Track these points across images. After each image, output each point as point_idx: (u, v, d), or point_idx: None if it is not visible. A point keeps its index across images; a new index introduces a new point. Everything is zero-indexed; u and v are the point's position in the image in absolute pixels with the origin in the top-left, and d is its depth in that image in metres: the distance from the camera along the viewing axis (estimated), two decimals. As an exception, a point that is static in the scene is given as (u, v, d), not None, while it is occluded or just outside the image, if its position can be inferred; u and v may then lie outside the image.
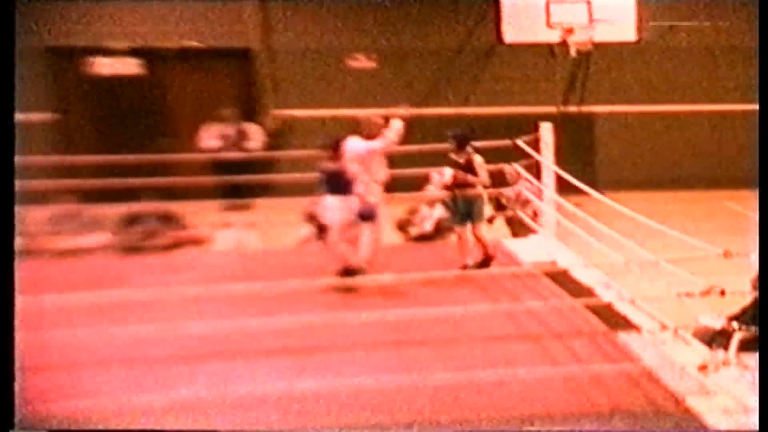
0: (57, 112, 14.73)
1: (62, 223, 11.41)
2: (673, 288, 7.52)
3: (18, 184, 11.45)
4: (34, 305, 7.36)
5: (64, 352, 7.07)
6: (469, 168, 9.30)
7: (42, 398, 6.09)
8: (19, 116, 14.94)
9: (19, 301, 7.20)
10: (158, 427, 6.08)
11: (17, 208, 11.24)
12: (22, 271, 10.23)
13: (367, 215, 8.59)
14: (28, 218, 11.35)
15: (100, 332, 7.20)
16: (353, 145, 9.02)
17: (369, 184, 8.71)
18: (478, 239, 9.33)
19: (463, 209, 9.34)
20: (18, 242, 11.08)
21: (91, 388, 6.55)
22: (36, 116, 14.31)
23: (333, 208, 8.75)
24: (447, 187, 9.46)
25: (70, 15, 14.57)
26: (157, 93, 15.25)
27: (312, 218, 11.17)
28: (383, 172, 9.10)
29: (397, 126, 8.98)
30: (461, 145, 9.33)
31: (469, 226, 9.33)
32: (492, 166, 9.61)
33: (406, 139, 9.11)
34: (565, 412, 6.28)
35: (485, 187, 9.38)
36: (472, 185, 9.25)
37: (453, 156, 9.36)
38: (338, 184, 8.67)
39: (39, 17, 14.32)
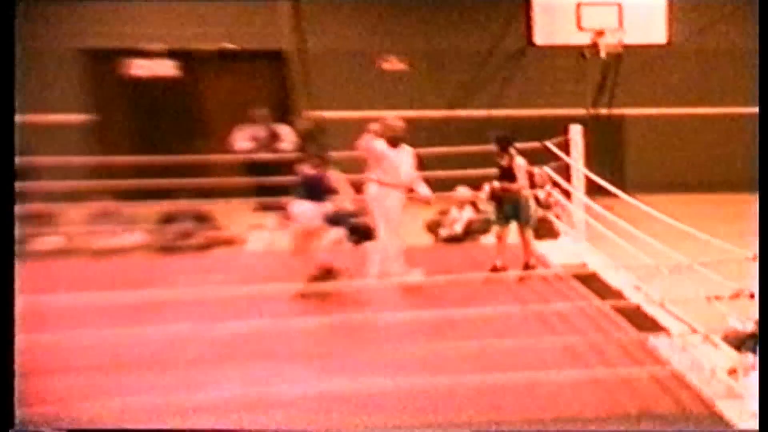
0: (95, 114, 14.82)
1: (99, 223, 11.49)
2: (702, 291, 7.53)
3: (56, 184, 11.63)
4: (56, 304, 7.49)
5: (89, 351, 7.13)
6: (511, 170, 9.30)
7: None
8: (56, 117, 15.13)
9: (46, 299, 7.35)
10: (186, 427, 6.13)
11: (56, 206, 11.40)
12: (59, 269, 10.39)
13: (336, 221, 8.50)
14: (67, 218, 11.48)
15: (126, 332, 7.27)
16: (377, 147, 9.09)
17: (347, 192, 8.68)
18: (525, 242, 9.30)
19: (509, 211, 9.33)
20: (56, 241, 11.25)
21: (114, 388, 6.58)
22: (74, 117, 14.46)
23: (304, 212, 8.64)
24: (493, 191, 9.43)
25: (108, 17, 14.64)
26: (192, 94, 15.30)
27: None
28: (395, 174, 9.05)
29: (368, 136, 9.04)
30: (504, 147, 9.31)
31: (513, 227, 9.34)
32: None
33: (437, 140, 9.11)
34: (594, 414, 6.27)
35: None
36: (514, 190, 9.24)
37: (497, 158, 9.36)
38: (314, 190, 8.59)
39: (76, 19, 14.46)
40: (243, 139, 13.63)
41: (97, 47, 14.68)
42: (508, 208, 9.33)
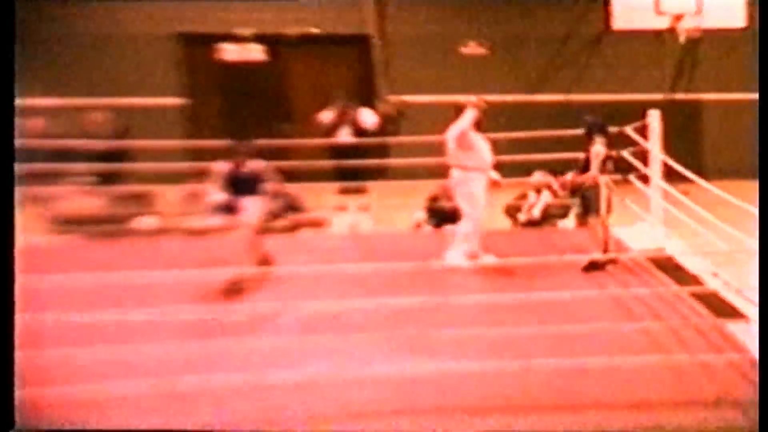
0: (188, 97, 15.00)
1: (192, 204, 11.62)
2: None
3: (151, 165, 11.81)
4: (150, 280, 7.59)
5: (181, 326, 7.19)
6: (588, 159, 9.15)
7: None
8: (153, 100, 15.32)
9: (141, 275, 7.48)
10: (271, 403, 6.12)
11: (152, 187, 11.55)
12: (158, 247, 10.58)
13: (290, 207, 8.44)
14: (163, 198, 11.66)
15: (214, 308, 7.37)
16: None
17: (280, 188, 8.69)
18: (603, 229, 9.17)
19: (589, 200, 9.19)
20: (152, 221, 11.43)
21: (204, 362, 6.61)
22: (169, 101, 14.67)
23: (248, 207, 8.52)
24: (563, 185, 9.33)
25: (201, 2, 14.80)
26: (279, 78, 15.42)
27: (434, 202, 11.22)
28: (479, 158, 8.97)
29: (467, 116, 8.90)
30: (590, 133, 9.16)
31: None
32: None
33: (516, 124, 9.04)
34: (672, 400, 6.19)
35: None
36: (583, 182, 9.10)
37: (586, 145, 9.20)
38: (248, 186, 8.46)
39: (172, 4, 14.61)
40: (328, 122, 13.66)
41: (190, 32, 14.86)
42: (584, 196, 9.18)
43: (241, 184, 8.25)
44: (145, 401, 6.19)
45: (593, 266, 8.91)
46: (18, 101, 14.41)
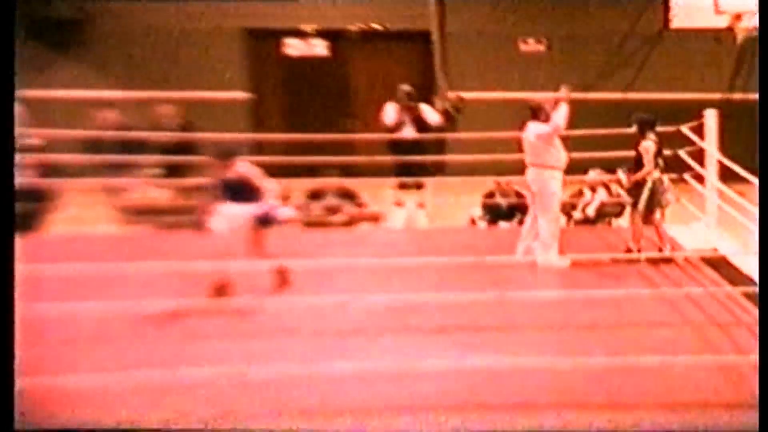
0: (252, 91, 15.15)
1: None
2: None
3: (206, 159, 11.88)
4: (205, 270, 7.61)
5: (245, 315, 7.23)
6: (639, 155, 9.10)
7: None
8: (220, 94, 15.46)
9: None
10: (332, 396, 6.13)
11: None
12: (216, 240, 10.61)
13: (267, 221, 7.83)
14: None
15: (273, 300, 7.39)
16: (532, 130, 8.92)
17: (272, 191, 7.90)
18: (654, 226, 9.11)
19: (637, 196, 9.14)
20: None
21: (272, 353, 6.64)
22: (235, 95, 14.83)
23: (229, 215, 7.76)
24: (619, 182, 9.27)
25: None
26: (341, 74, 15.51)
27: (490, 199, 11.23)
28: (559, 156, 8.92)
29: (563, 110, 8.81)
30: (641, 129, 9.11)
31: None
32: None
33: (572, 122, 8.99)
34: (725, 400, 6.14)
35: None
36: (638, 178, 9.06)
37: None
38: (237, 192, 7.71)
39: (239, 1, 14.76)
40: (389, 117, 13.71)
41: (256, 27, 15.01)
42: (637, 193, 9.14)
43: (231, 191, 7.67)
44: (217, 384, 6.19)
45: (630, 251, 8.94)
46: (93, 93, 14.75)
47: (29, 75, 13.26)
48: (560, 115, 8.79)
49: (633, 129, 9.19)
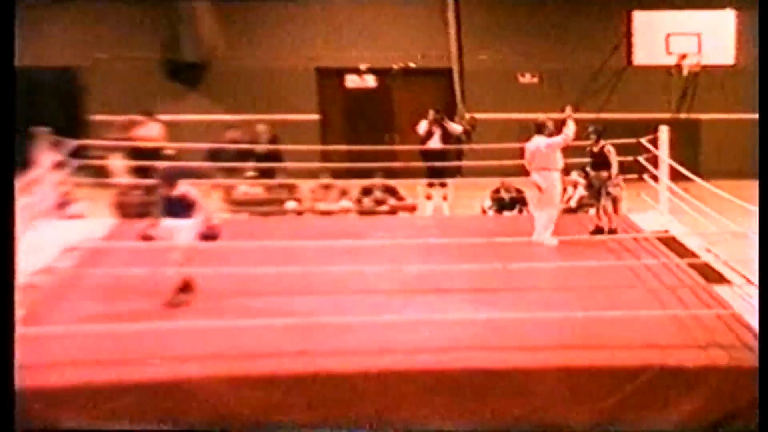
0: (321, 114, 15.20)
1: (320, 193, 11.81)
2: (755, 252, 7.20)
3: (295, 164, 12.01)
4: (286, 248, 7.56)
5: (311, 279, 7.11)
6: (602, 156, 8.81)
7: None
8: (297, 116, 15.51)
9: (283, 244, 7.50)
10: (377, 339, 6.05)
11: (298, 181, 11.77)
12: (296, 223, 10.70)
13: (210, 236, 6.83)
14: (300, 189, 11.87)
15: (336, 269, 7.22)
16: (537, 142, 8.58)
17: (206, 209, 6.92)
18: (611, 211, 8.96)
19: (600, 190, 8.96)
20: (294, 205, 11.64)
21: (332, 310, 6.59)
22: (308, 117, 14.90)
23: (172, 231, 6.78)
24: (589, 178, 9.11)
25: (330, 42, 14.92)
26: (385, 100, 15.46)
27: (497, 194, 11.18)
28: (560, 161, 8.67)
29: (572, 126, 8.47)
30: (599, 136, 8.87)
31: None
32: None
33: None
34: (673, 343, 6.09)
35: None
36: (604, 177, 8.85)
37: (591, 147, 8.88)
38: (178, 208, 6.71)
39: (311, 44, 14.77)
40: (422, 130, 13.72)
41: (323, 66, 15.04)
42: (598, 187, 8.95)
43: (172, 208, 6.72)
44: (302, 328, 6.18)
45: (598, 231, 8.78)
46: (211, 116, 14.67)
47: (166, 104, 13.66)
48: (570, 129, 8.44)
49: (592, 137, 8.86)
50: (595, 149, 8.85)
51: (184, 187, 6.77)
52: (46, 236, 8.40)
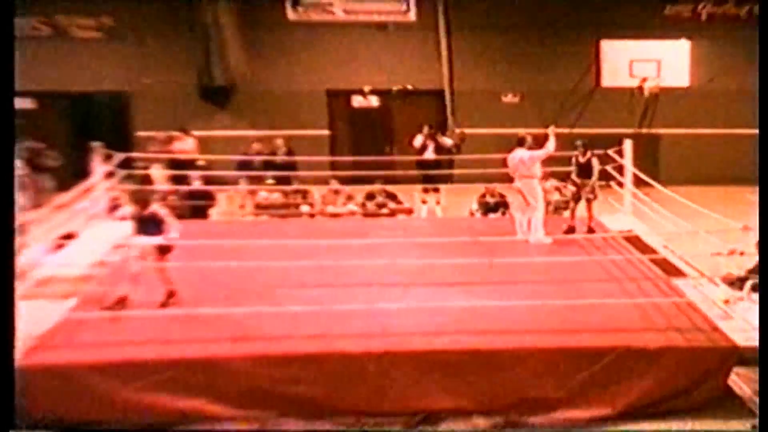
0: (330, 129, 15.20)
1: (330, 197, 11.82)
2: (709, 249, 7.24)
3: (308, 173, 12.06)
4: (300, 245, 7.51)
5: (323, 272, 7.09)
6: (588, 165, 8.79)
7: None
8: (310, 132, 15.56)
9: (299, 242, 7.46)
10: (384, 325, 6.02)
11: (310, 188, 11.79)
12: (309, 225, 10.67)
13: (166, 249, 6.45)
14: (313, 194, 11.88)
15: (343, 264, 7.17)
16: (519, 154, 8.46)
17: (174, 226, 6.43)
18: (589, 214, 8.94)
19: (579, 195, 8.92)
20: (307, 209, 11.64)
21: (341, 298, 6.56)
22: (320, 132, 14.92)
23: (142, 246, 6.42)
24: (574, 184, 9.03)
25: (339, 68, 14.89)
26: (386, 118, 15.46)
27: (483, 198, 11.17)
28: (540, 170, 8.62)
29: (552, 142, 8.42)
30: (586, 150, 8.85)
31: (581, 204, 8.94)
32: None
33: (536, 149, 8.80)
34: (636, 327, 6.13)
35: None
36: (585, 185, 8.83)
37: (578, 158, 8.84)
38: (148, 226, 6.35)
39: (322, 70, 14.74)
40: (417, 144, 13.72)
41: (333, 88, 15.05)
42: (575, 193, 8.95)
43: (143, 226, 6.37)
44: (315, 314, 6.16)
45: (570, 231, 8.80)
46: (235, 132, 14.71)
47: (199, 122, 13.73)
48: (551, 144, 8.38)
49: (580, 150, 8.84)
50: (582, 159, 8.83)
51: (154, 206, 6.51)
52: (100, 235, 8.54)
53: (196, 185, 10.94)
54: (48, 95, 13.88)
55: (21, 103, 12.98)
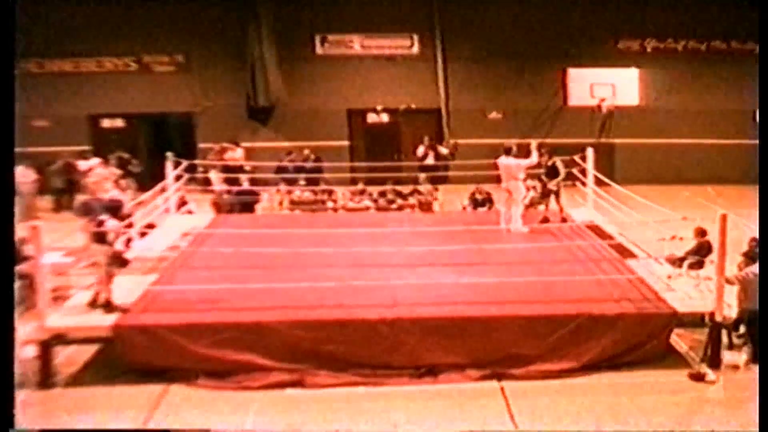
0: (349, 140, 15.19)
1: (352, 195, 11.82)
2: (655, 236, 7.28)
3: (332, 176, 12.09)
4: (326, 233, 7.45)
5: (339, 258, 6.95)
6: (554, 168, 8.73)
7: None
8: (333, 143, 15.58)
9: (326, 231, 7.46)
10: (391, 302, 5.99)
11: (334, 187, 11.81)
12: (333, 217, 10.49)
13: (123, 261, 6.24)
14: (337, 193, 11.85)
15: (362, 250, 7.09)
16: (508, 161, 8.29)
17: (115, 226, 5.84)
18: (560, 207, 8.91)
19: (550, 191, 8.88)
20: (332, 205, 11.64)
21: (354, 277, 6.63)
22: (341, 143, 14.92)
23: (114, 227, 5.86)
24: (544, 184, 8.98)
25: (357, 91, 14.77)
26: (395, 131, 15.36)
27: (473, 195, 11.10)
28: (523, 175, 8.49)
29: (536, 155, 8.32)
30: (550, 155, 8.80)
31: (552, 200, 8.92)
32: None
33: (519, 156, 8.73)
34: (594, 299, 6.12)
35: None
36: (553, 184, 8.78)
37: (545, 162, 8.73)
38: (116, 210, 5.86)
39: (344, 93, 14.63)
40: (420, 152, 13.70)
41: (352, 108, 15.04)
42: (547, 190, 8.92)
43: (102, 210, 5.74)
44: (332, 289, 6.13)
45: (545, 221, 8.76)
46: (274, 144, 14.82)
47: (246, 135, 13.89)
48: (534, 156, 8.36)
49: (546, 156, 8.76)
50: (549, 163, 8.81)
51: (113, 194, 5.94)
52: (171, 225, 8.80)
53: (245, 186, 11.13)
54: (134, 116, 14.26)
55: (114, 123, 13.91)
